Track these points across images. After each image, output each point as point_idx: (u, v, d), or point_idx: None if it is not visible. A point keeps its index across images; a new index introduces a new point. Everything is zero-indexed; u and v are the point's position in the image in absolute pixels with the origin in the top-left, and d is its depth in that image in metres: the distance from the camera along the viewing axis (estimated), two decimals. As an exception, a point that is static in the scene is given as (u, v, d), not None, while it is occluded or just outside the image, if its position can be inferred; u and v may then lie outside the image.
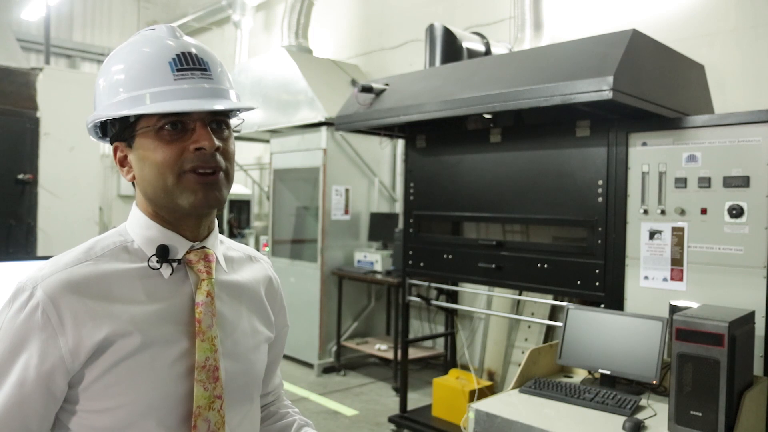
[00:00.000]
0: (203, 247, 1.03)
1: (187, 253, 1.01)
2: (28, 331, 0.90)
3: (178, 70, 0.94)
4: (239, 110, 1.05)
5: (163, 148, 0.94)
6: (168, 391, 0.94)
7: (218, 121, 0.99)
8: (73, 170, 4.92)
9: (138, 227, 1.02)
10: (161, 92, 0.93)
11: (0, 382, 0.90)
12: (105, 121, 1.00)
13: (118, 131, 0.99)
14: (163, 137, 0.95)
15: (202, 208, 0.97)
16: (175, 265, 0.99)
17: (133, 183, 1.03)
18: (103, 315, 0.92)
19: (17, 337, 0.90)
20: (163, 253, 0.98)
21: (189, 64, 0.95)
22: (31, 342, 0.89)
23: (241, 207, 8.06)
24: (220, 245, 1.10)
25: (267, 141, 6.44)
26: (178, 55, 0.95)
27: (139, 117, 0.95)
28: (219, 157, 0.97)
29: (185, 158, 0.94)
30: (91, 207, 5.10)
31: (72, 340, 0.89)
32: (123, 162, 1.01)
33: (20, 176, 4.61)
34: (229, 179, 1.00)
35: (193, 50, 0.97)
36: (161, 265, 0.98)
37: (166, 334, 0.95)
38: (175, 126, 0.94)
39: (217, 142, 0.96)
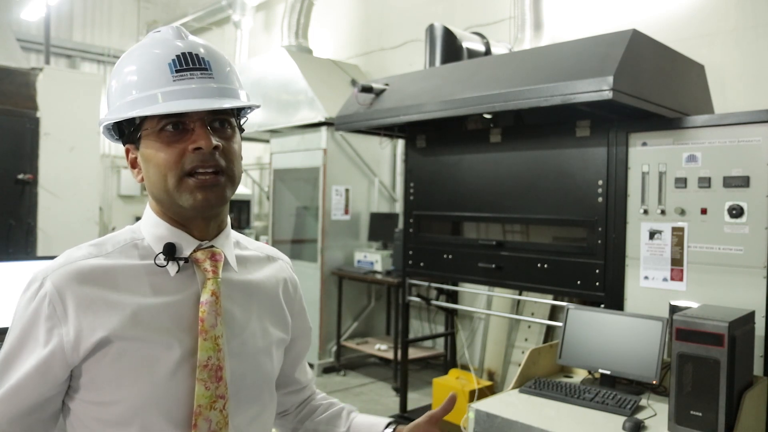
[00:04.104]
0: (211, 246, 1.03)
1: (195, 251, 1.01)
2: (35, 320, 0.93)
3: (176, 71, 0.95)
4: (249, 109, 1.05)
5: (164, 150, 0.96)
6: (170, 388, 0.95)
7: (221, 120, 0.99)
8: (73, 170, 4.91)
9: (149, 225, 1.03)
10: (160, 94, 0.94)
11: (10, 368, 0.94)
12: (120, 123, 1.01)
13: (129, 133, 1.01)
14: (164, 138, 0.96)
15: (203, 209, 0.98)
16: (181, 263, 1.00)
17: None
18: (107, 307, 0.94)
19: (26, 326, 0.94)
20: (169, 251, 0.99)
21: (188, 65, 0.96)
22: (37, 331, 0.93)
23: (241, 207, 8.06)
24: (235, 245, 1.10)
25: (267, 141, 6.45)
26: (177, 56, 0.96)
27: (143, 120, 0.96)
28: (218, 157, 0.97)
29: (185, 159, 0.95)
30: (91, 207, 5.10)
31: (73, 331, 0.92)
32: (134, 164, 1.03)
33: (20, 176, 4.61)
34: (232, 178, 1.00)
35: (197, 50, 0.97)
36: (168, 263, 1.00)
37: (169, 331, 0.96)
38: (176, 126, 0.96)
39: (216, 141, 0.96)
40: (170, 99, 0.93)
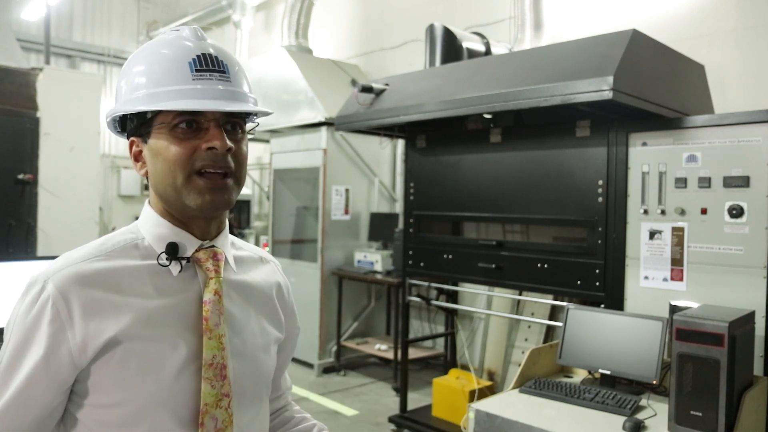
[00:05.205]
0: (212, 246, 1.04)
1: (196, 251, 1.02)
2: (38, 324, 0.92)
3: (197, 71, 0.96)
4: (256, 114, 1.06)
5: (176, 146, 0.96)
6: (176, 388, 0.95)
7: (233, 122, 1.01)
8: (73, 170, 4.91)
9: (149, 225, 1.03)
10: (179, 91, 0.95)
11: (12, 373, 0.92)
12: (125, 116, 1.02)
13: (136, 126, 1.01)
14: (177, 135, 0.96)
15: (209, 210, 0.99)
16: (183, 262, 1.01)
17: (147, 181, 1.05)
18: (112, 309, 0.93)
19: (29, 330, 0.92)
20: (172, 251, 1.00)
21: (208, 66, 0.97)
22: (41, 334, 0.91)
23: (241, 207, 8.06)
24: (230, 246, 1.11)
25: (267, 141, 6.44)
26: (198, 56, 0.97)
27: (156, 114, 0.97)
28: (230, 159, 0.98)
29: (197, 157, 0.96)
30: (91, 207, 5.09)
31: (80, 334, 0.91)
32: (137, 157, 1.03)
33: (20, 176, 4.60)
34: (238, 182, 1.02)
35: (214, 52, 0.99)
36: (170, 263, 1.00)
37: (174, 330, 0.97)
38: (189, 125, 0.96)
39: (230, 144, 0.97)
40: (189, 97, 0.94)
